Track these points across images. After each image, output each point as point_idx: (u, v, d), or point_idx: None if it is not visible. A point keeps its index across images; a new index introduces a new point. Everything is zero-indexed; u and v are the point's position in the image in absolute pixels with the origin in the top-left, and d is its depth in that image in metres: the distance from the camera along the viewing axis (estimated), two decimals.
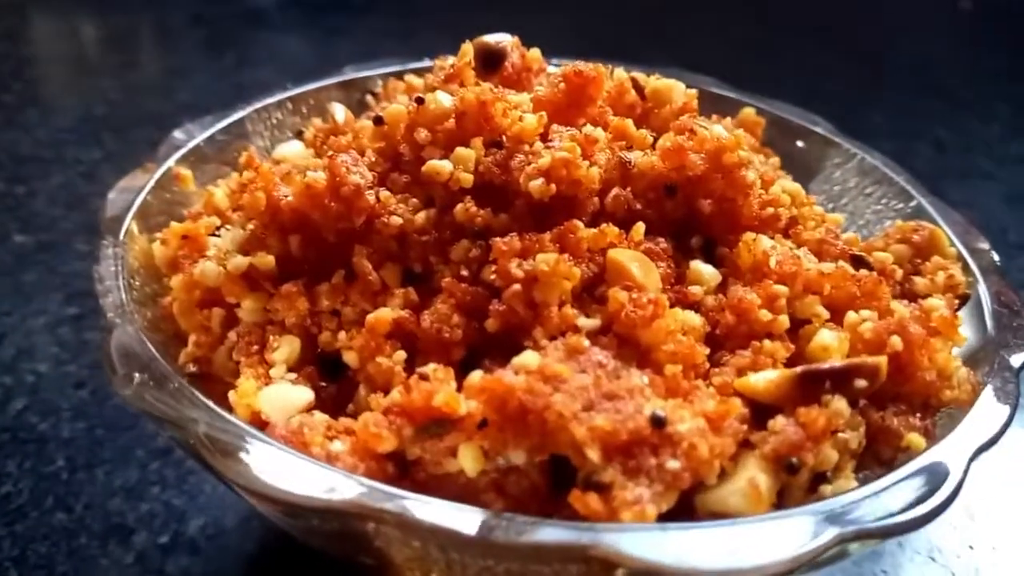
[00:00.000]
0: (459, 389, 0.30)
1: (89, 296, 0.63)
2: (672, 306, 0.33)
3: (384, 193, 0.36)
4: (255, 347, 0.34)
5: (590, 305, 0.33)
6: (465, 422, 0.29)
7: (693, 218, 0.38)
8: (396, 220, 0.35)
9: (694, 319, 0.33)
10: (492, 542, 0.24)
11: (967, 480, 0.29)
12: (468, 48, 0.41)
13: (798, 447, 0.28)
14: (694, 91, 0.42)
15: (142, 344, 0.31)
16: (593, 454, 0.27)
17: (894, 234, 0.43)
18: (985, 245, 0.42)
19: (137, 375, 0.29)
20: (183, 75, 0.99)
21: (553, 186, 0.34)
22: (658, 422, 0.28)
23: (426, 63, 0.57)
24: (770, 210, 0.38)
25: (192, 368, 0.35)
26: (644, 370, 0.31)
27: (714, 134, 0.37)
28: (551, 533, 0.24)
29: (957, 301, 0.38)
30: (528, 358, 0.30)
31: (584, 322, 0.32)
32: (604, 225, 0.35)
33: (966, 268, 0.41)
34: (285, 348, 0.34)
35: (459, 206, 0.35)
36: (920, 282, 0.39)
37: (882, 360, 0.31)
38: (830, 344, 0.33)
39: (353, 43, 1.13)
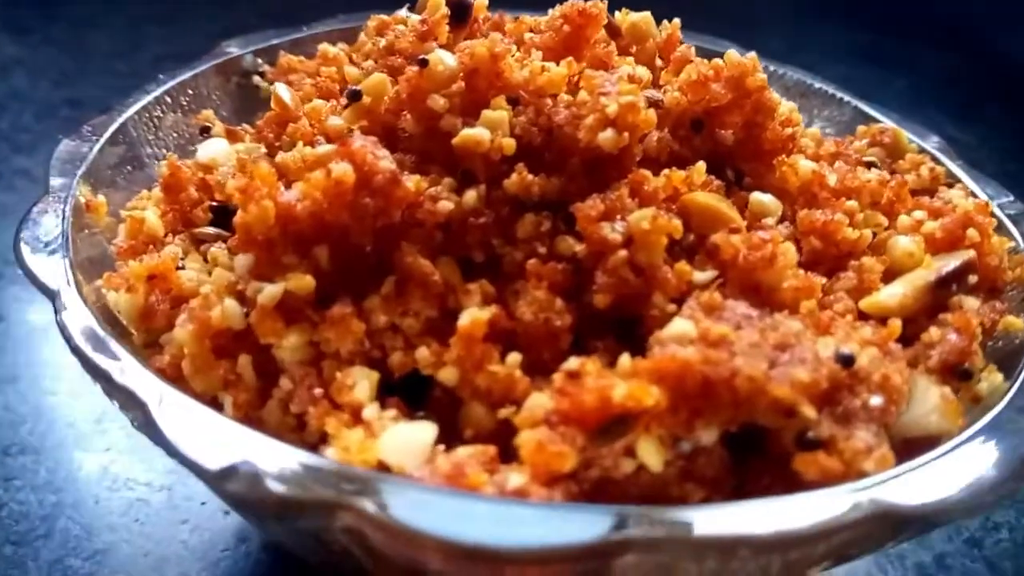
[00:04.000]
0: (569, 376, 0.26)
1: None
2: None
3: (414, 177, 0.30)
4: (317, 391, 0.28)
5: (691, 257, 0.30)
6: (646, 414, 0.25)
7: (716, 151, 0.36)
8: (445, 205, 0.30)
9: (791, 248, 0.31)
10: (822, 529, 0.21)
11: None
12: (439, 1, 0.36)
13: (966, 353, 0.28)
14: (676, 21, 0.40)
15: (218, 421, 0.23)
16: (808, 410, 0.25)
17: (861, 138, 0.44)
18: (934, 136, 0.45)
19: (239, 463, 0.22)
20: None
21: (626, 135, 0.30)
22: (847, 361, 0.26)
23: (305, 32, 0.50)
24: (789, 130, 0.37)
25: None
26: (782, 312, 0.29)
27: (731, 59, 0.35)
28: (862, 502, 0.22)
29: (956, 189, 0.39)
30: (683, 326, 0.26)
31: (700, 276, 0.29)
32: (668, 171, 0.32)
33: (934, 159, 0.43)
34: (364, 382, 0.27)
35: (513, 176, 0.31)
36: (910, 179, 0.41)
37: (973, 253, 0.32)
38: (913, 250, 0.32)
39: (111, 35, 0.97)
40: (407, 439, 0.25)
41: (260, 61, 0.47)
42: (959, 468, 0.24)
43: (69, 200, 0.33)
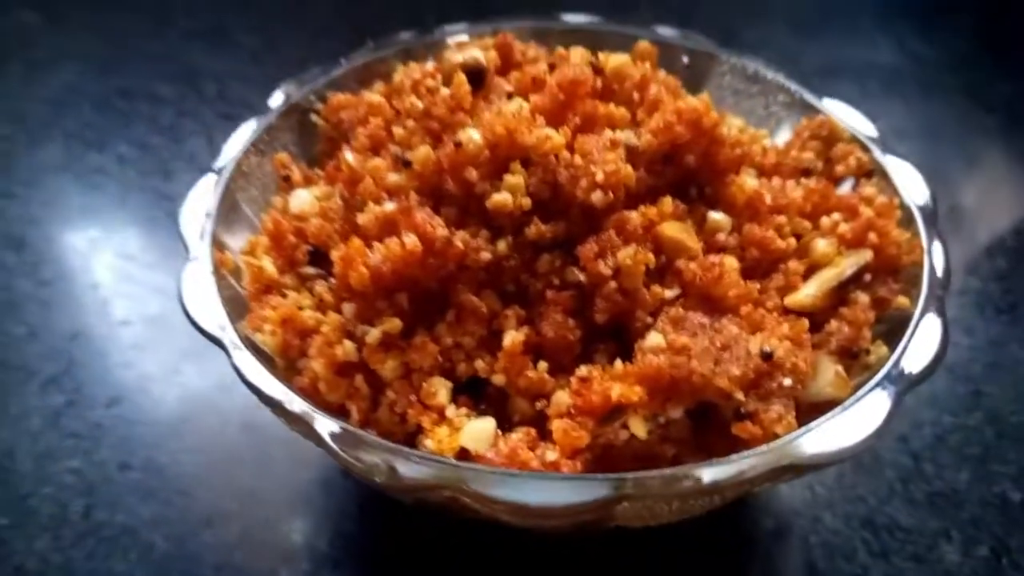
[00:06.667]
0: (581, 380, 0.39)
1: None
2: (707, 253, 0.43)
3: (460, 233, 0.42)
4: (412, 397, 0.41)
5: (663, 278, 0.43)
6: (633, 404, 0.38)
7: (681, 174, 0.47)
8: (485, 255, 0.42)
9: (734, 262, 0.43)
10: (746, 477, 0.34)
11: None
12: (462, 78, 0.46)
13: (855, 339, 0.40)
14: (647, 56, 0.50)
15: (361, 435, 0.37)
16: (739, 395, 0.37)
17: (802, 132, 0.54)
18: (867, 123, 0.55)
19: (379, 462, 0.35)
20: None
21: (611, 193, 0.42)
22: (768, 356, 0.39)
23: (345, 67, 0.60)
24: (738, 151, 0.48)
25: None
26: (727, 316, 0.41)
27: (689, 104, 0.46)
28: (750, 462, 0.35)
29: (874, 180, 0.51)
30: (656, 339, 0.39)
31: (669, 294, 0.42)
32: (642, 208, 0.43)
33: (862, 146, 0.53)
34: (443, 389, 0.40)
35: (532, 227, 0.42)
36: (839, 169, 0.52)
37: (870, 253, 0.44)
38: (828, 251, 0.44)
39: (135, 11, 1.05)
40: (478, 430, 0.38)
41: (313, 98, 0.58)
42: (842, 425, 0.37)
43: (211, 263, 0.45)
